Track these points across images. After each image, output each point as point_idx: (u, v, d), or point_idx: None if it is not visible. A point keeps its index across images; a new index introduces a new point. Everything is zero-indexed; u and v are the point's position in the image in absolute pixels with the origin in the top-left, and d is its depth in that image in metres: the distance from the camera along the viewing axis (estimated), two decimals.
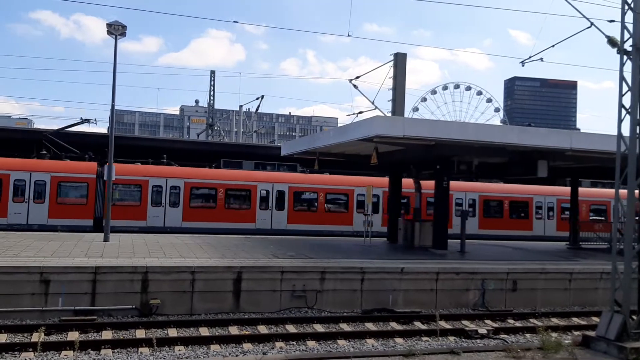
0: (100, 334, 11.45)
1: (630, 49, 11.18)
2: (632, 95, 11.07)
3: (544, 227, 34.46)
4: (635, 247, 10.93)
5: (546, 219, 34.56)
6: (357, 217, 29.88)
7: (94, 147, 30.02)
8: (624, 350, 10.08)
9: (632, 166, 10.86)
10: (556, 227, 34.48)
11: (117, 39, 18.90)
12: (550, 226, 34.62)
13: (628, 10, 11.25)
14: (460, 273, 15.56)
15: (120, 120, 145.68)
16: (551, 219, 34.68)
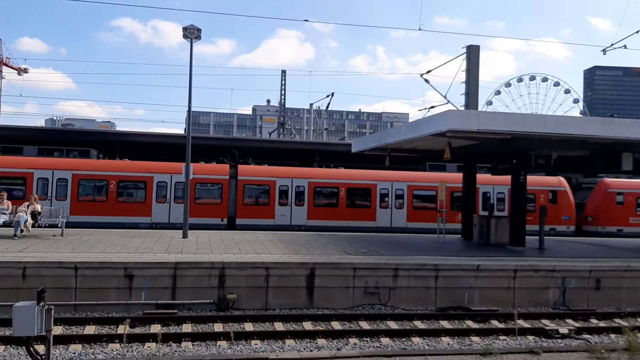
0: (180, 327, 11.86)
1: None
2: None
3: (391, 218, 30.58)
4: None
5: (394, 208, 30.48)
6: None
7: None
8: None
9: None
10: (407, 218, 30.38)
11: (192, 42, 19.48)
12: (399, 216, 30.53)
13: None
14: (539, 270, 15.03)
15: (195, 121, 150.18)
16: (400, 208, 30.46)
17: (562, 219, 31.09)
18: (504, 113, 33.20)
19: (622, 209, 31.76)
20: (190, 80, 19.70)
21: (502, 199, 31.71)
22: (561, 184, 31.77)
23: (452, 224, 27.01)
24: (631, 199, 31.87)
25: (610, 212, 31.71)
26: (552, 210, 29.39)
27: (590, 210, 31.97)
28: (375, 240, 20.59)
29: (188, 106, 19.92)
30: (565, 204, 31.49)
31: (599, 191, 32.23)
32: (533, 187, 29.80)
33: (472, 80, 26.22)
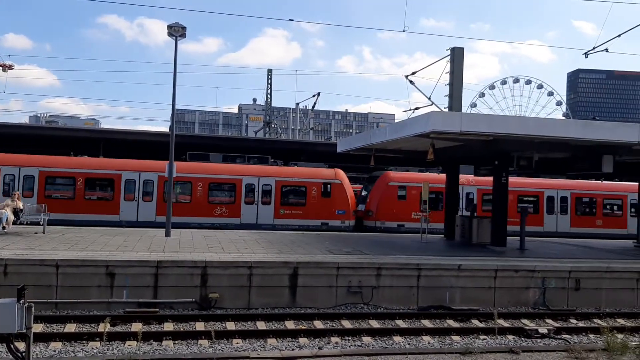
0: (162, 326, 11.83)
1: None
2: None
3: None
4: None
5: None
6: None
7: None
8: None
9: None
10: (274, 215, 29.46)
11: (177, 40, 19.41)
12: None
13: None
14: (519, 271, 15.19)
15: (181, 119, 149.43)
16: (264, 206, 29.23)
17: (336, 214, 29.36)
18: (486, 115, 33.59)
19: (405, 204, 30.10)
20: (175, 78, 19.63)
21: None
22: (336, 176, 29.94)
23: None
24: (415, 192, 29.53)
25: (392, 206, 30.11)
26: (324, 204, 28.98)
27: (370, 204, 30.35)
28: (360, 240, 20.66)
29: (172, 104, 19.84)
30: (340, 198, 29.49)
31: (381, 184, 30.67)
32: (304, 180, 29.20)
33: (456, 82, 26.42)
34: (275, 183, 28.83)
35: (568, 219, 32.76)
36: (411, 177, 30.77)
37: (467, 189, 31.28)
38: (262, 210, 28.40)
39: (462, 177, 29.21)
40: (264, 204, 28.66)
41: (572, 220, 32.79)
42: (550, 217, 32.46)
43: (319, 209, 29.10)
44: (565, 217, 32.75)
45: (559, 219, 32.62)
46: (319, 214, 29.03)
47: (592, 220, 33.03)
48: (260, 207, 28.61)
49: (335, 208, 29.48)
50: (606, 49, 19.29)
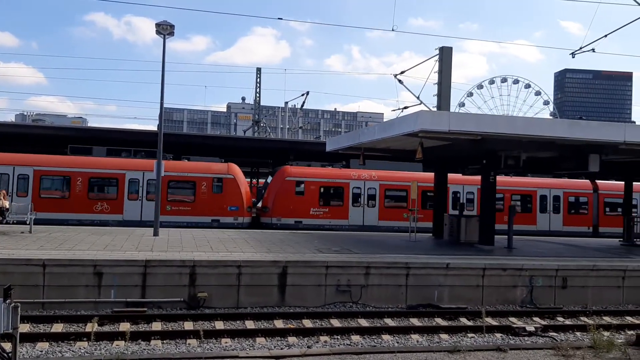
0: (150, 325, 11.78)
1: None
2: None
3: None
4: None
5: None
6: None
7: None
8: None
9: None
10: None
11: (166, 38, 19.31)
12: None
13: None
14: (507, 269, 15.29)
15: (169, 117, 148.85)
16: None
17: (228, 210, 28.17)
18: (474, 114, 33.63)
19: (303, 200, 29.11)
20: (163, 77, 19.53)
21: None
22: (229, 170, 28.69)
23: None
24: (314, 188, 29.19)
25: (289, 202, 29.02)
26: (215, 200, 27.87)
27: (267, 200, 29.35)
28: (349, 239, 20.69)
29: (160, 103, 19.75)
30: (233, 193, 28.24)
31: (278, 180, 29.70)
32: (193, 174, 28.09)
33: (445, 81, 26.53)
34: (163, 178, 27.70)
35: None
36: (310, 173, 29.83)
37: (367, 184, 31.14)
38: (147, 207, 26.45)
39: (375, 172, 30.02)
40: (149, 200, 26.83)
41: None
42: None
43: (209, 206, 27.86)
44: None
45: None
46: (210, 210, 27.80)
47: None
48: (144, 203, 27.10)
49: (228, 204, 28.24)
50: (593, 49, 19.47)
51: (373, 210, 30.13)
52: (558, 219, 32.96)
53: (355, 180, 29.91)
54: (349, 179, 29.87)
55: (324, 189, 29.69)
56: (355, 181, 29.90)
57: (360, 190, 29.91)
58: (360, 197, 29.91)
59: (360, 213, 29.87)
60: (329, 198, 29.87)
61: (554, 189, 33.04)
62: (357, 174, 30.02)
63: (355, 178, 29.91)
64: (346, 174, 30.04)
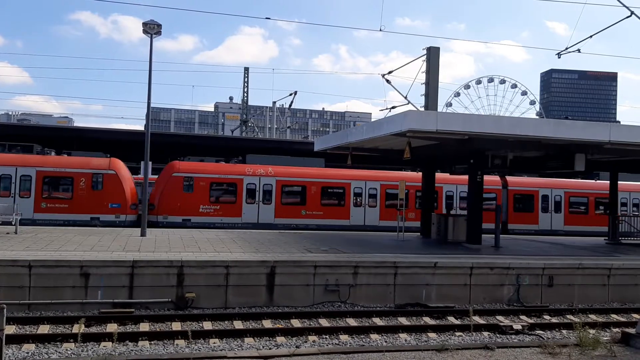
0: (137, 326, 11.71)
1: None
2: None
3: None
4: None
5: None
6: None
7: None
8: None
9: None
10: None
11: (153, 37, 19.23)
12: None
13: None
14: (494, 268, 15.39)
15: (156, 117, 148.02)
16: None
17: (109, 207, 26.76)
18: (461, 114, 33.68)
19: (192, 196, 27.71)
20: (150, 76, 19.45)
21: None
22: (111, 166, 27.19)
23: None
24: (204, 184, 27.91)
25: (176, 199, 27.60)
26: (95, 196, 26.50)
27: (154, 197, 27.62)
28: (337, 238, 20.71)
29: (147, 102, 19.65)
30: (115, 190, 26.81)
31: (165, 176, 28.30)
32: (71, 170, 26.55)
33: (432, 81, 26.59)
34: (36, 174, 26.07)
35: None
36: (200, 168, 28.45)
37: None
38: (21, 204, 24.07)
39: None
40: (22, 197, 25.72)
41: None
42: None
43: (88, 203, 26.47)
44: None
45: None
46: (89, 207, 26.42)
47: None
48: (17, 200, 25.34)
49: (108, 201, 26.76)
50: (578, 49, 19.64)
51: (269, 207, 28.93)
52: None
53: (250, 176, 28.69)
54: (242, 174, 28.61)
55: (216, 185, 28.38)
56: (250, 177, 28.68)
57: (255, 187, 28.65)
58: (256, 193, 28.61)
59: (255, 210, 28.60)
60: (221, 195, 28.59)
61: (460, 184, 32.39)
62: (252, 170, 28.85)
63: (250, 174, 28.71)
64: (240, 170, 28.82)
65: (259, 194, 28.76)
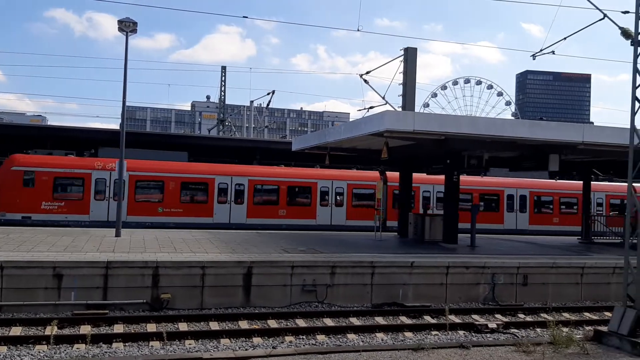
0: (112, 328, 11.56)
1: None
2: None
3: None
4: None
5: None
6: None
7: None
8: (637, 345, 10.02)
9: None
10: None
11: (128, 35, 18.99)
12: None
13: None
14: (470, 267, 15.52)
15: (132, 116, 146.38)
16: None
17: None
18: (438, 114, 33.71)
19: (32, 192, 25.55)
20: (125, 75, 19.21)
21: None
22: None
23: None
24: (47, 179, 25.71)
25: (15, 195, 25.42)
26: None
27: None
28: (315, 239, 20.70)
29: (123, 101, 19.40)
30: None
31: (3, 170, 26.08)
32: None
33: (409, 82, 26.72)
34: None
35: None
36: (43, 162, 26.22)
37: None
38: None
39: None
40: None
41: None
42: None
43: None
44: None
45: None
46: None
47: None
48: None
49: None
50: (552, 51, 19.80)
51: (122, 204, 27.27)
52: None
53: (100, 170, 26.64)
54: (91, 169, 26.57)
55: (61, 180, 26.30)
56: (99, 172, 26.63)
57: (106, 182, 26.66)
58: (107, 189, 26.68)
59: (105, 207, 26.54)
60: (67, 191, 26.63)
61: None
62: (103, 164, 26.79)
63: (100, 168, 26.66)
64: (88, 164, 26.75)
65: (110, 190, 26.72)
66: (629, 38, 11.97)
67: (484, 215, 31.95)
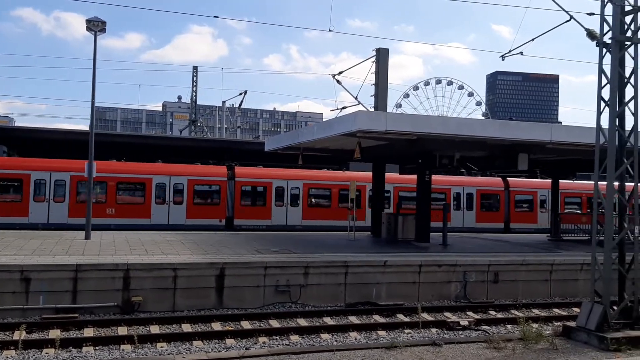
0: (81, 332, 11.38)
1: (610, 41, 11.29)
2: (611, 87, 11.20)
3: None
4: (614, 238, 11.08)
5: None
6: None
7: None
8: (604, 340, 10.20)
9: (611, 158, 11.00)
10: None
11: (97, 35, 18.72)
12: None
13: (607, 2, 11.35)
14: (442, 265, 15.67)
15: (102, 117, 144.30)
16: None
17: None
18: (410, 115, 33.95)
19: None
20: (94, 75, 18.93)
21: None
22: None
23: None
24: None
25: None
26: None
27: None
28: (288, 239, 20.66)
29: (92, 101, 19.10)
30: None
31: None
32: None
33: (381, 82, 26.92)
34: None
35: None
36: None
37: None
38: None
39: None
40: None
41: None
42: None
43: None
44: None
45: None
46: None
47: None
48: None
49: None
50: (521, 52, 20.18)
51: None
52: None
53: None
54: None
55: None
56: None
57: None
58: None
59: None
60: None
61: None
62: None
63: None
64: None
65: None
66: (595, 39, 12.21)
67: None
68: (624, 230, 11.46)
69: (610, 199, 11.04)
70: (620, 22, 11.21)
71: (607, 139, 11.14)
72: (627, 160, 11.21)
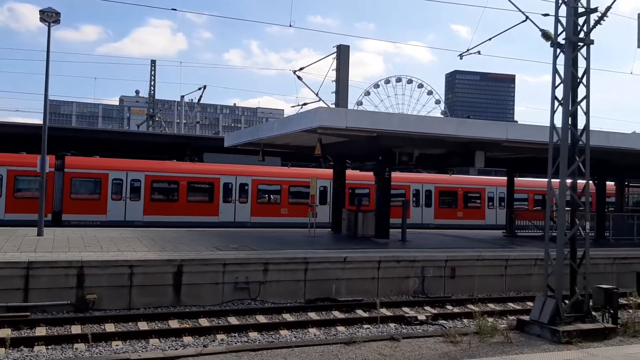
0: (33, 331, 11.05)
1: (564, 42, 11.58)
2: (565, 87, 11.50)
3: None
4: (566, 234, 11.39)
5: None
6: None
7: None
8: (557, 333, 10.49)
9: (564, 156, 11.29)
10: None
11: (51, 26, 18.19)
12: None
13: (562, 4, 11.63)
14: (401, 261, 15.82)
15: (56, 111, 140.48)
16: None
17: None
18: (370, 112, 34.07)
19: None
20: (47, 67, 18.36)
21: None
22: None
23: None
24: None
25: None
26: None
27: None
28: (248, 236, 20.53)
29: (45, 94, 18.55)
30: None
31: None
32: None
33: (342, 79, 26.95)
34: None
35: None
36: None
37: None
38: None
39: None
40: None
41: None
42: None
43: None
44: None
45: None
46: None
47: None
48: None
49: None
50: (479, 51, 20.44)
51: None
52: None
53: None
54: None
55: None
56: None
57: None
58: None
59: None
60: None
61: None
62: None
63: None
64: None
65: None
66: (549, 40, 12.52)
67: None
68: (576, 227, 11.79)
69: (562, 196, 11.33)
70: (574, 23, 11.52)
71: (560, 138, 11.43)
72: (579, 158, 11.53)
